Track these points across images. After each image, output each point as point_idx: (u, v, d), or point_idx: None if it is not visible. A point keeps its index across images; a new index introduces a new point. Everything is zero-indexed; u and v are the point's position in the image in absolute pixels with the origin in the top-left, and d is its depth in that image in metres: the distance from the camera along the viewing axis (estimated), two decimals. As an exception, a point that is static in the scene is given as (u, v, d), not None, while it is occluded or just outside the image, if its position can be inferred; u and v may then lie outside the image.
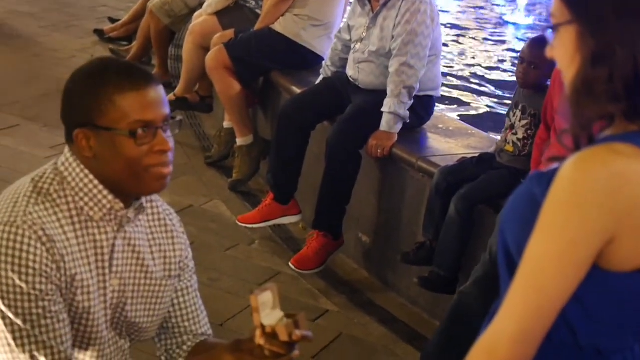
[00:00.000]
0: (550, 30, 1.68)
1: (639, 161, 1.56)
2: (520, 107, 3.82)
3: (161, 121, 1.99)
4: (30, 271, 1.92)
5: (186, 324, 2.25)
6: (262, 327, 1.95)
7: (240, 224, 4.74)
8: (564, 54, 1.65)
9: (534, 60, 3.72)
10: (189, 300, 2.25)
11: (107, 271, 2.05)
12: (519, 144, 3.80)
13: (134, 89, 1.97)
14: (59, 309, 1.96)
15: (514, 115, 3.84)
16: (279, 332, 1.93)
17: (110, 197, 2.01)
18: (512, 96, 4.04)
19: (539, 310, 1.56)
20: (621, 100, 1.59)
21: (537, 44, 3.84)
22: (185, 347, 2.25)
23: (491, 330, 1.60)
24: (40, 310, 1.93)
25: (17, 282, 1.91)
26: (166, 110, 2.01)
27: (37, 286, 1.92)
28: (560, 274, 1.55)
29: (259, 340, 1.96)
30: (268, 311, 1.95)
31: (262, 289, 1.96)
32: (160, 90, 2.02)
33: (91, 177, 2.01)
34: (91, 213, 2.01)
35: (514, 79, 3.98)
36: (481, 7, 10.42)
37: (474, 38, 8.96)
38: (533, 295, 1.56)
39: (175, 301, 2.23)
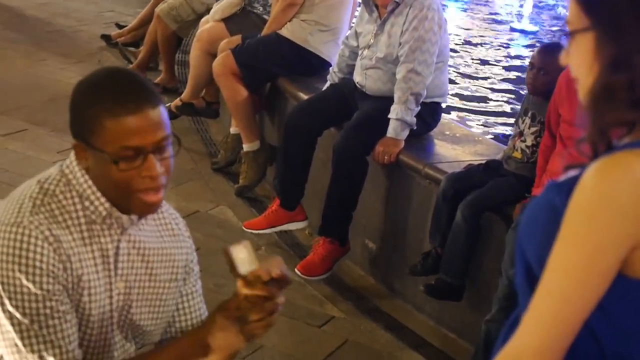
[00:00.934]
0: (565, 37, 1.67)
1: None
2: (529, 114, 3.81)
3: (152, 146, 1.95)
4: (37, 271, 1.92)
5: (190, 328, 2.24)
6: (244, 278, 1.96)
7: (246, 229, 4.74)
8: (582, 61, 1.63)
9: (544, 66, 3.72)
10: (193, 305, 2.25)
11: (112, 273, 2.05)
12: (527, 151, 3.80)
13: (125, 113, 1.93)
14: (66, 309, 1.96)
15: (523, 123, 3.84)
16: (261, 273, 1.95)
17: (106, 204, 2.01)
18: (518, 103, 4.05)
19: (564, 320, 1.55)
20: None
21: (548, 50, 3.85)
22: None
23: (515, 342, 1.58)
24: (47, 310, 1.93)
25: (25, 282, 1.92)
26: (160, 133, 1.96)
27: (45, 286, 1.92)
28: (585, 283, 1.54)
29: (242, 289, 1.97)
30: (247, 266, 1.97)
31: (235, 244, 1.97)
32: (156, 112, 1.96)
33: (90, 183, 2.01)
34: (93, 216, 2.02)
35: (521, 86, 4.00)
36: (488, 14, 10.42)
37: (480, 45, 8.95)
38: (558, 306, 1.54)
39: (180, 306, 2.23)
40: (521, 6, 10.07)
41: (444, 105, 4.73)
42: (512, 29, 9.69)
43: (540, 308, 1.56)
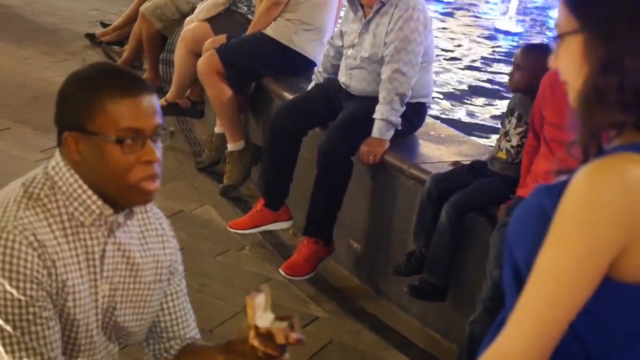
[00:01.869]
0: (554, 41, 1.67)
1: None
2: (515, 115, 3.82)
3: (151, 131, 1.97)
4: (22, 277, 1.90)
5: (175, 328, 2.24)
6: (256, 328, 1.94)
7: (230, 229, 4.73)
8: (571, 63, 1.64)
9: (519, 63, 3.76)
10: (178, 304, 2.24)
11: (98, 276, 2.04)
12: (512, 151, 3.81)
13: (126, 96, 1.95)
14: (49, 315, 1.95)
15: (509, 123, 3.85)
16: (276, 334, 1.93)
17: (99, 202, 2.00)
18: (503, 103, 4.07)
19: (550, 322, 1.55)
20: (632, 109, 1.57)
21: (528, 49, 3.90)
22: (172, 352, 2.24)
23: (500, 343, 1.58)
24: (30, 317, 1.92)
25: (8, 287, 1.90)
26: (157, 120, 1.99)
27: (28, 292, 1.91)
28: (573, 287, 1.54)
29: (253, 340, 1.95)
30: (260, 313, 1.95)
31: (257, 291, 1.95)
32: (154, 99, 2.00)
33: (80, 182, 1.99)
34: (81, 218, 2.00)
35: (505, 87, 4.03)
36: (473, 15, 10.44)
37: (464, 45, 8.97)
38: (544, 307, 1.55)
39: (164, 305, 2.22)
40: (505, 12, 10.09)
41: (429, 105, 4.74)
42: (496, 30, 9.71)
43: (527, 309, 1.56)
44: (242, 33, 5.41)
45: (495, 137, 5.94)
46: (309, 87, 4.85)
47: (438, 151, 4.47)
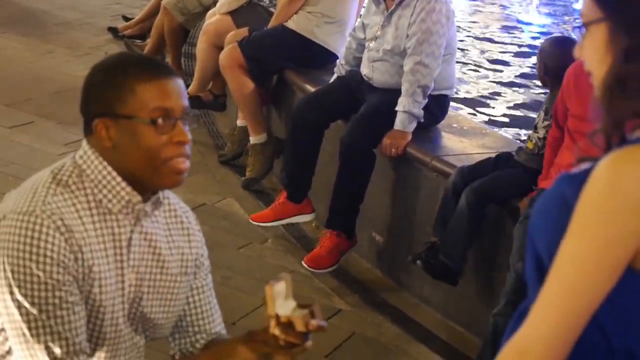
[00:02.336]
0: (579, 31, 1.68)
1: None
2: (544, 108, 3.83)
3: (180, 112, 2.00)
4: (48, 260, 1.91)
5: (200, 322, 2.24)
6: (277, 317, 1.94)
7: (253, 222, 4.73)
8: (595, 52, 1.64)
9: (540, 55, 3.81)
10: (204, 298, 2.25)
11: (124, 264, 2.05)
12: (539, 143, 3.80)
13: (154, 78, 1.98)
14: (75, 300, 1.96)
15: (538, 116, 3.86)
16: (296, 322, 1.93)
17: (128, 189, 2.01)
18: (524, 95, 4.09)
19: (573, 312, 1.55)
20: None
21: (550, 43, 3.92)
22: (198, 346, 2.25)
23: (523, 333, 1.58)
24: (56, 300, 1.93)
25: (35, 270, 1.91)
26: (185, 102, 2.02)
27: (55, 276, 1.92)
28: (595, 276, 1.54)
29: (274, 329, 1.95)
30: (281, 301, 1.95)
31: (277, 279, 1.95)
32: (180, 82, 2.03)
33: (109, 169, 2.01)
34: (109, 205, 2.01)
35: (525, 80, 4.07)
36: (496, 6, 10.39)
37: (488, 38, 8.93)
38: (567, 298, 1.54)
39: (190, 299, 2.22)
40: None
41: (451, 97, 4.72)
42: (520, 21, 9.67)
43: (550, 300, 1.56)
44: (264, 26, 5.41)
45: (518, 130, 5.94)
46: (331, 80, 4.84)
47: (461, 143, 4.45)
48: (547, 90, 3.99)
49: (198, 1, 6.61)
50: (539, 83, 5.00)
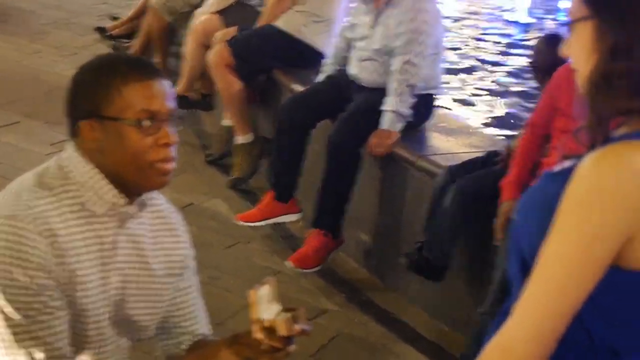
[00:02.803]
0: (566, 29, 1.69)
1: None
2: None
3: (166, 114, 1.99)
4: (31, 265, 1.90)
5: (186, 323, 2.23)
6: (260, 321, 1.94)
7: (240, 222, 4.73)
8: (581, 49, 1.65)
9: (534, 53, 3.83)
10: (189, 300, 2.24)
11: (109, 267, 2.04)
12: None
13: (141, 79, 1.97)
14: (58, 305, 1.95)
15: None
16: (278, 326, 1.92)
17: (113, 191, 2.00)
18: (510, 94, 4.11)
19: (556, 309, 1.55)
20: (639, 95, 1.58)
21: (543, 38, 3.96)
22: (182, 347, 2.24)
23: (507, 330, 1.59)
24: (39, 305, 1.92)
25: (17, 275, 1.90)
26: (171, 104, 2.01)
27: (38, 280, 1.91)
28: (579, 274, 1.54)
29: (257, 334, 1.94)
30: (266, 305, 1.94)
31: (262, 283, 1.95)
32: (167, 84, 2.02)
33: (95, 171, 2.00)
34: (94, 208, 2.00)
35: (511, 78, 4.08)
36: (483, 6, 10.41)
37: (475, 37, 8.95)
38: (550, 295, 1.55)
39: (176, 300, 2.21)
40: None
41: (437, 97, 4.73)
42: (507, 21, 9.69)
43: (534, 296, 1.57)
44: (252, 25, 5.40)
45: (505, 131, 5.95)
46: (319, 79, 4.84)
47: (447, 143, 4.46)
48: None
49: (186, 0, 6.60)
50: (531, 83, 5.03)
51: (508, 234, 3.42)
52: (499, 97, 7.02)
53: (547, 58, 3.74)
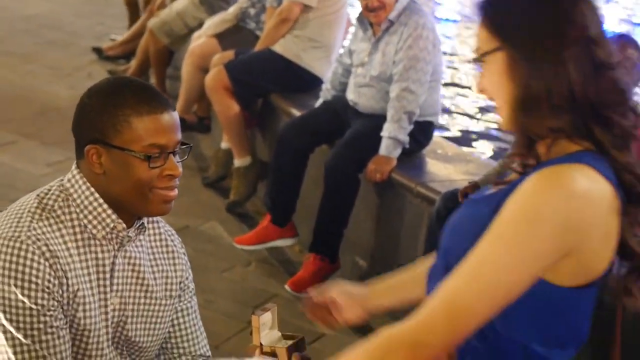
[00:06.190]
0: (477, 65, 1.72)
1: (597, 181, 1.60)
2: None
3: (173, 146, 2.01)
4: (33, 286, 1.92)
5: (185, 344, 2.25)
6: (261, 346, 1.94)
7: (236, 245, 4.72)
8: (497, 81, 1.69)
9: None
10: (189, 321, 2.25)
11: (107, 289, 2.06)
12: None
13: (151, 112, 1.98)
14: (60, 324, 1.97)
15: None
16: (279, 353, 1.94)
17: (113, 216, 2.02)
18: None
19: (476, 308, 1.59)
20: (564, 113, 1.63)
21: None
22: (183, 368, 2.24)
23: (418, 324, 1.65)
24: (41, 325, 1.94)
25: (20, 296, 1.92)
26: (178, 135, 2.03)
27: (39, 301, 1.93)
28: (506, 280, 1.58)
29: (256, 358, 1.96)
30: (267, 331, 1.96)
31: (263, 309, 1.96)
32: (175, 115, 2.04)
33: (96, 195, 2.02)
34: (94, 231, 2.02)
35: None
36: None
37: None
38: (473, 292, 1.59)
39: (175, 322, 2.23)
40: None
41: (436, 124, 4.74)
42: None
43: (455, 291, 1.60)
44: (250, 49, 5.43)
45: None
46: (317, 104, 4.86)
47: (445, 169, 4.47)
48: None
49: (184, 23, 6.62)
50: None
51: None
52: (496, 124, 7.04)
53: None
